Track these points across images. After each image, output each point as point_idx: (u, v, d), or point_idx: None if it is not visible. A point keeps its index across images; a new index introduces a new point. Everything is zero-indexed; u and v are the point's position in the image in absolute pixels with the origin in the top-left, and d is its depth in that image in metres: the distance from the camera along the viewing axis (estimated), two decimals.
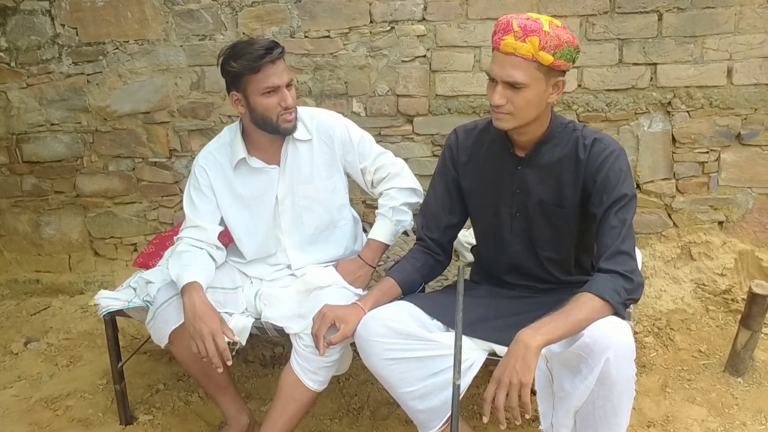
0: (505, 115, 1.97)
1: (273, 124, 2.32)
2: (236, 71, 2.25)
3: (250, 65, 2.23)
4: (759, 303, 2.68)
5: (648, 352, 2.99)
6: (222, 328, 2.20)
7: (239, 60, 2.24)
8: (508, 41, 1.91)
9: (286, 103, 2.29)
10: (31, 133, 3.67)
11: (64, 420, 2.80)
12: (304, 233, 2.52)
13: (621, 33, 3.13)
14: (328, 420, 2.71)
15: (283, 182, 2.45)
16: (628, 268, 1.92)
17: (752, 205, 3.32)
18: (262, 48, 2.23)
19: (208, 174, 2.46)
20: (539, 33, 1.89)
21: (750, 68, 3.11)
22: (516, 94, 1.93)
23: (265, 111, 2.29)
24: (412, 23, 3.24)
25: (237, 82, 2.29)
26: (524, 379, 1.76)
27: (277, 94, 2.27)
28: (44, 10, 3.44)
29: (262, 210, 2.48)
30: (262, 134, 2.38)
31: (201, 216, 2.45)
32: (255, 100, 2.28)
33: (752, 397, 2.69)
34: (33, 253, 3.92)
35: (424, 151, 3.43)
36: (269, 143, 2.42)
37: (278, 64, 2.27)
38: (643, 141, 3.27)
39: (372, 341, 2.06)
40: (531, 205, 2.16)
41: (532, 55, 1.90)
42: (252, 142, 2.43)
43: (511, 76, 1.91)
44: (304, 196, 2.47)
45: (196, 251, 2.39)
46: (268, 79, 2.25)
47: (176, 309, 2.29)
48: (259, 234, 2.50)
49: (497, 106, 1.96)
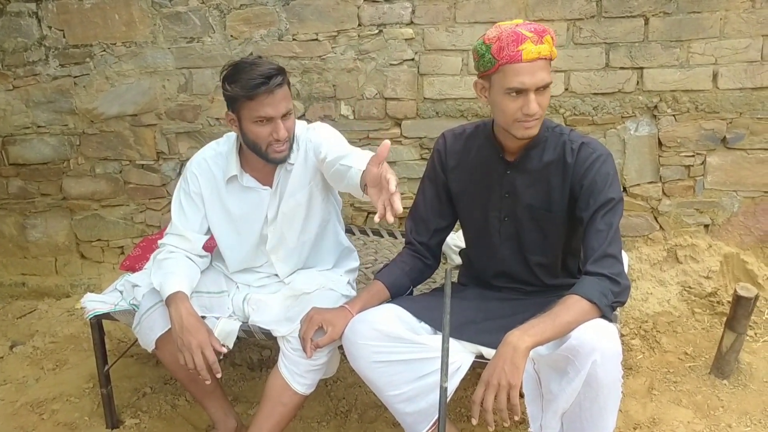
0: (536, 122, 1.98)
1: (262, 153, 2.25)
2: (230, 95, 2.19)
3: (245, 93, 2.14)
4: (744, 305, 2.70)
5: (634, 355, 3.01)
6: (210, 340, 2.17)
7: (235, 84, 2.15)
8: (529, 48, 1.90)
9: (278, 135, 2.19)
10: (18, 135, 3.65)
11: (49, 424, 2.79)
12: (288, 247, 2.47)
13: (608, 37, 3.16)
14: (315, 423, 2.71)
15: (273, 204, 2.40)
16: (614, 271, 1.94)
17: (737, 208, 3.34)
18: (261, 76, 2.13)
19: (200, 182, 2.39)
20: (548, 31, 1.94)
21: (735, 72, 3.14)
22: (544, 96, 1.96)
23: (255, 139, 2.21)
24: (400, 26, 3.25)
25: (232, 103, 2.21)
26: (513, 380, 1.76)
27: (270, 124, 2.18)
28: (31, 12, 3.42)
29: (248, 228, 2.44)
30: (255, 157, 2.32)
31: (188, 225, 2.39)
32: (247, 126, 2.20)
33: (738, 399, 2.71)
34: (19, 255, 3.90)
35: (412, 154, 3.44)
36: (263, 165, 2.34)
37: (276, 93, 2.16)
38: (630, 145, 3.29)
39: (359, 344, 2.06)
40: (519, 209, 2.16)
41: (549, 52, 1.94)
42: (247, 160, 2.37)
43: (544, 79, 1.93)
44: (283, 212, 2.40)
45: (177, 257, 2.35)
46: (262, 109, 2.15)
47: (161, 315, 2.27)
48: (243, 251, 2.47)
49: (533, 115, 1.95)
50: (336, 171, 2.16)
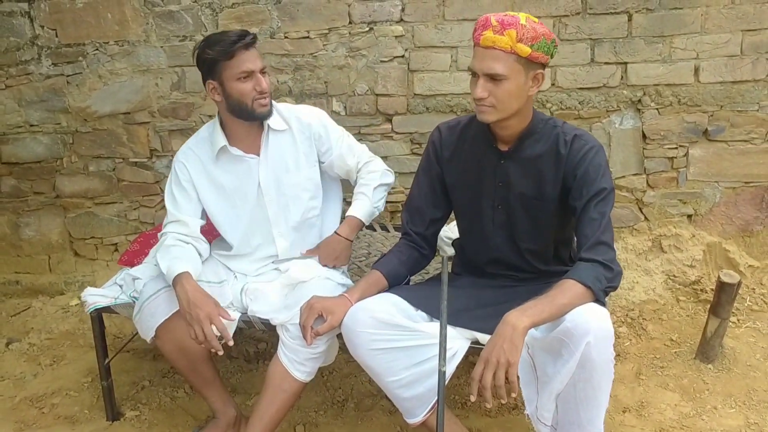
0: (488, 108, 2.04)
1: (248, 110, 2.38)
2: (212, 58, 2.32)
3: (225, 50, 2.30)
4: (727, 291, 2.79)
5: (622, 342, 3.08)
6: (218, 311, 2.25)
7: (214, 47, 2.31)
8: (487, 35, 1.98)
9: (261, 87, 2.36)
10: (10, 134, 3.67)
11: (50, 417, 2.81)
12: (291, 221, 2.57)
13: (593, 33, 3.23)
14: (313, 412, 2.75)
15: (265, 172, 2.50)
16: (607, 257, 2.00)
17: (719, 198, 3.44)
18: (235, 35, 2.32)
19: (188, 169, 2.51)
20: (516, 26, 1.97)
21: (716, 66, 3.23)
22: (497, 87, 2.01)
23: (240, 96, 2.35)
24: (391, 24, 3.31)
25: (212, 69, 2.35)
26: (511, 358, 1.81)
27: (251, 79, 2.35)
28: (23, 11, 3.44)
29: (244, 201, 2.53)
30: (240, 124, 2.45)
31: (182, 210, 2.50)
32: (230, 85, 2.34)
33: (722, 383, 2.79)
34: (12, 254, 3.91)
35: (402, 149, 3.50)
36: (247, 133, 2.49)
37: (251, 50, 2.34)
38: (615, 138, 3.37)
39: (359, 332, 2.11)
40: (512, 198, 2.23)
41: (510, 47, 1.97)
42: (231, 132, 2.48)
43: (492, 68, 1.99)
44: (290, 185, 2.53)
45: (183, 245, 2.44)
46: (243, 64, 2.32)
47: (164, 301, 2.33)
48: (242, 224, 2.55)
49: (480, 99, 2.03)
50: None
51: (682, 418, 2.60)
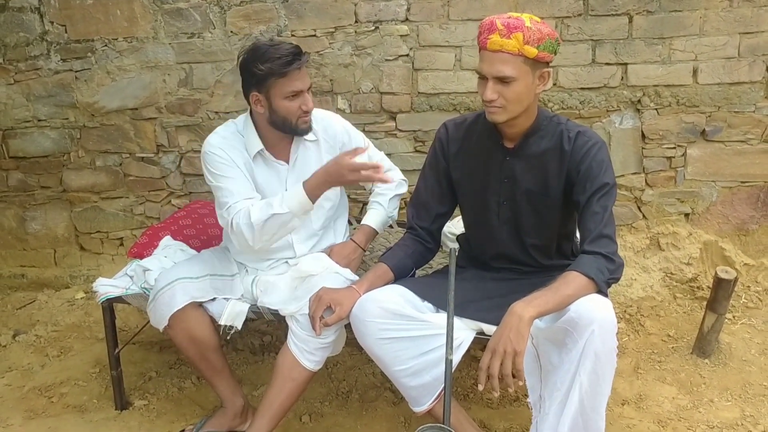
0: (498, 109, 2.10)
1: (291, 126, 2.41)
2: (263, 74, 2.31)
3: (278, 70, 2.29)
4: (724, 287, 2.84)
5: (620, 337, 3.12)
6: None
7: (267, 63, 2.29)
8: (494, 39, 2.03)
9: (307, 107, 2.39)
10: (18, 128, 3.70)
11: (59, 406, 2.85)
12: (311, 228, 2.62)
13: (594, 34, 3.29)
14: (318, 403, 2.80)
15: (293, 180, 2.53)
16: (610, 250, 2.06)
17: (716, 197, 3.50)
18: (289, 54, 2.31)
19: (228, 154, 2.46)
20: (522, 29, 2.01)
21: (714, 68, 3.29)
22: (506, 88, 2.06)
23: (287, 114, 2.37)
24: (396, 23, 3.36)
25: (261, 84, 2.34)
26: (518, 347, 1.87)
27: (299, 98, 2.37)
28: (33, 7, 3.48)
29: None
30: (275, 132, 2.46)
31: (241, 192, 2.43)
32: (278, 102, 2.35)
33: (718, 377, 2.85)
34: (18, 248, 3.95)
35: (406, 146, 3.55)
36: (279, 140, 2.51)
37: (303, 69, 2.35)
38: (615, 137, 3.43)
39: (367, 322, 2.17)
40: (518, 194, 2.28)
41: (517, 50, 2.02)
42: (263, 137, 2.49)
43: (501, 71, 2.04)
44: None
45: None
46: (294, 84, 2.33)
47: (180, 291, 2.36)
48: None
49: (490, 101, 2.08)
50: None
51: (679, 410, 2.65)
